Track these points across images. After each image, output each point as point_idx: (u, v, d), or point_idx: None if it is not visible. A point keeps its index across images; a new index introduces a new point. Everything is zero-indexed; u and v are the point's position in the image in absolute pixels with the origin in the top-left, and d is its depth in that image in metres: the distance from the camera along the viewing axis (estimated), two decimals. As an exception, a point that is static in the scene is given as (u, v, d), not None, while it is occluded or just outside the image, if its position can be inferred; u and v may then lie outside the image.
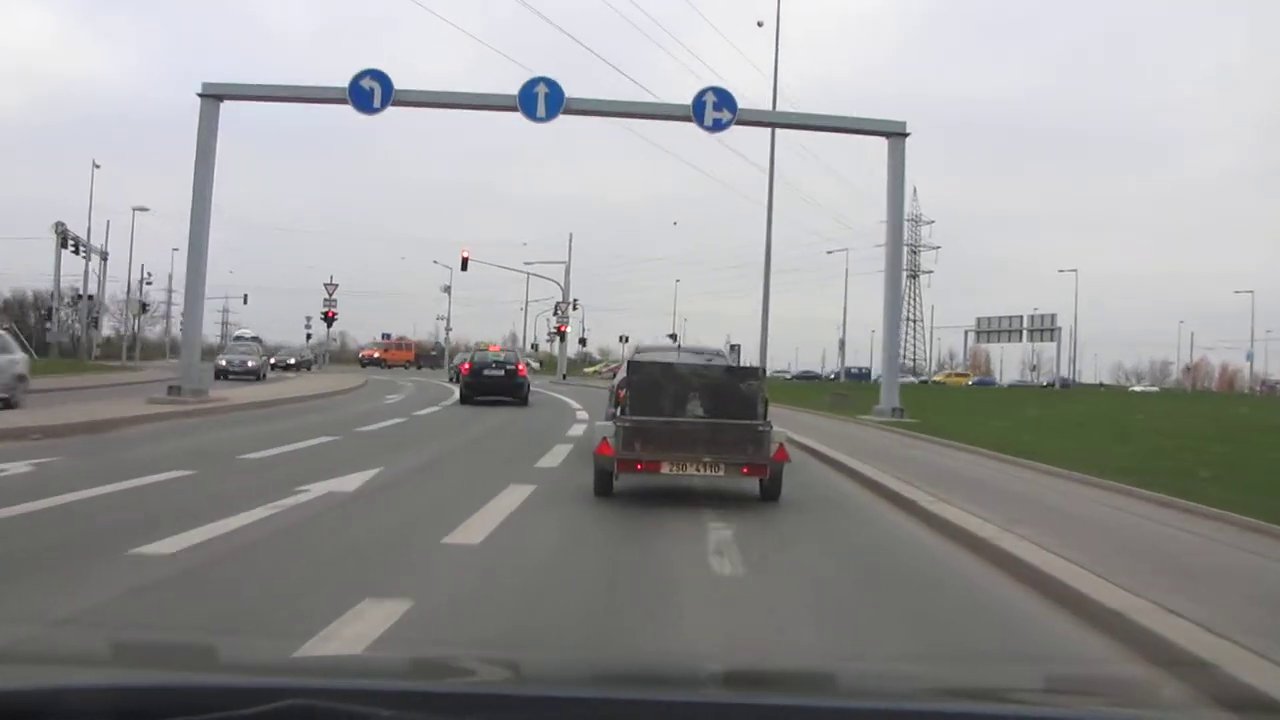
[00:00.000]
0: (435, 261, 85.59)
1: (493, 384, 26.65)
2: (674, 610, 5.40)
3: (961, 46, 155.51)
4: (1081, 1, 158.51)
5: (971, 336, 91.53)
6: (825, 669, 3.40)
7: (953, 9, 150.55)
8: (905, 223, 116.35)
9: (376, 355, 51.47)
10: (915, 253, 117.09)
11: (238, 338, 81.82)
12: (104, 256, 51.96)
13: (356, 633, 4.43)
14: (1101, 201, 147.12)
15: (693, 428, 9.15)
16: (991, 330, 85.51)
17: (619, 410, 10.00)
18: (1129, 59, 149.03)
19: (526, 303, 75.62)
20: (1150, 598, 5.20)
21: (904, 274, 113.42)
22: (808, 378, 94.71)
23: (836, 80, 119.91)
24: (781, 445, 9.27)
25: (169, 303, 78.21)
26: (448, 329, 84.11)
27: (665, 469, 9.08)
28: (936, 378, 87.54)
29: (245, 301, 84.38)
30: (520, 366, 27.70)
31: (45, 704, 1.59)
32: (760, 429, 9.18)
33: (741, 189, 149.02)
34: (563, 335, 51.43)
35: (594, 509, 8.82)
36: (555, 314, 50.20)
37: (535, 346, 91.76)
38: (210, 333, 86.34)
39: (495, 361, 28.12)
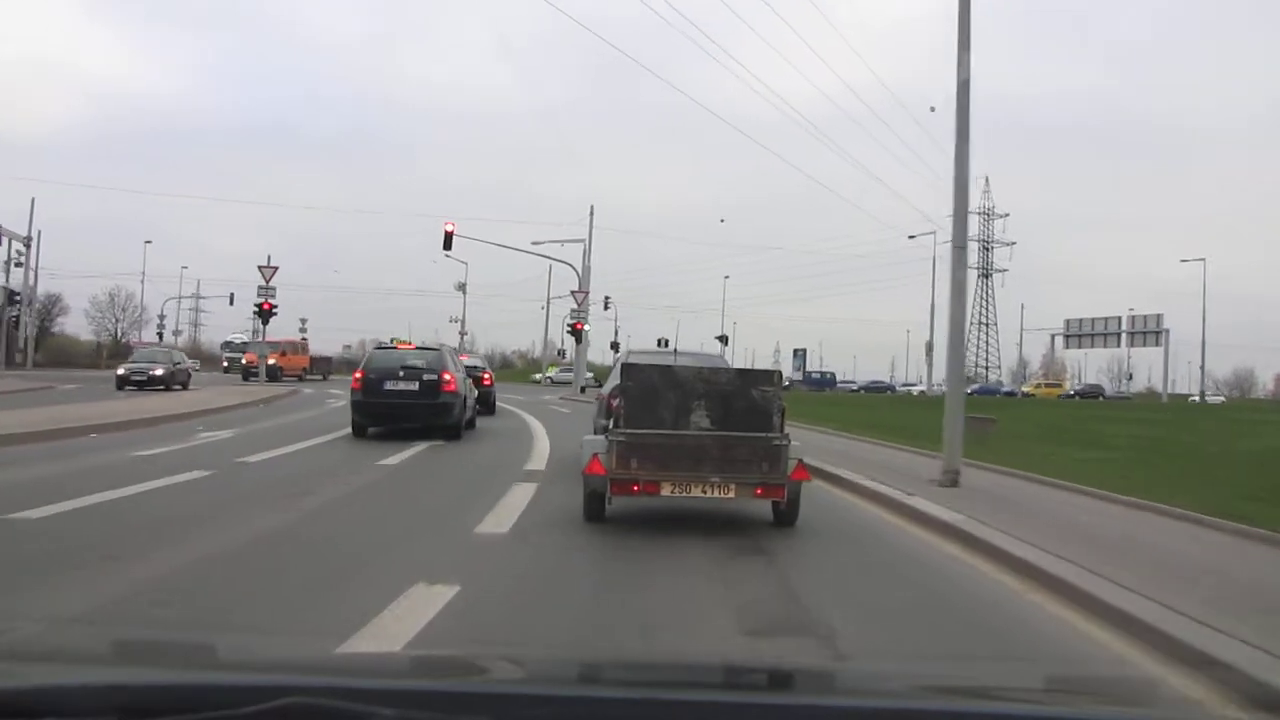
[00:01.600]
0: (447, 255, 74.09)
1: (398, 405, 16.57)
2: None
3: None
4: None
5: (1059, 341, 77.84)
6: (825, 669, 3.34)
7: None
8: (976, 215, 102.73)
9: (272, 361, 38.12)
10: (987, 249, 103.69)
11: (226, 343, 73.59)
12: (26, 243, 41.65)
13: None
14: (1195, 204, 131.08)
15: (698, 442, 8.13)
16: (1083, 334, 75.72)
17: (612, 422, 8.51)
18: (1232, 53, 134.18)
19: (548, 299, 64.64)
20: None
21: (974, 271, 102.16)
22: (878, 389, 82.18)
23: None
24: (800, 462, 8.25)
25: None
26: (462, 333, 73.26)
27: (666, 490, 8.05)
28: (1025, 388, 74.53)
29: (231, 302, 74.14)
30: (448, 377, 16.95)
31: (46, 702, 1.58)
32: (776, 443, 8.16)
33: (790, 184, 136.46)
34: (578, 335, 39.41)
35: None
36: (576, 306, 39.27)
37: (561, 353, 79.61)
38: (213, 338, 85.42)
39: (405, 367, 17.04)
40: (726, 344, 52.10)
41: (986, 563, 7.20)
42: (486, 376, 21.20)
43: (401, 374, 16.68)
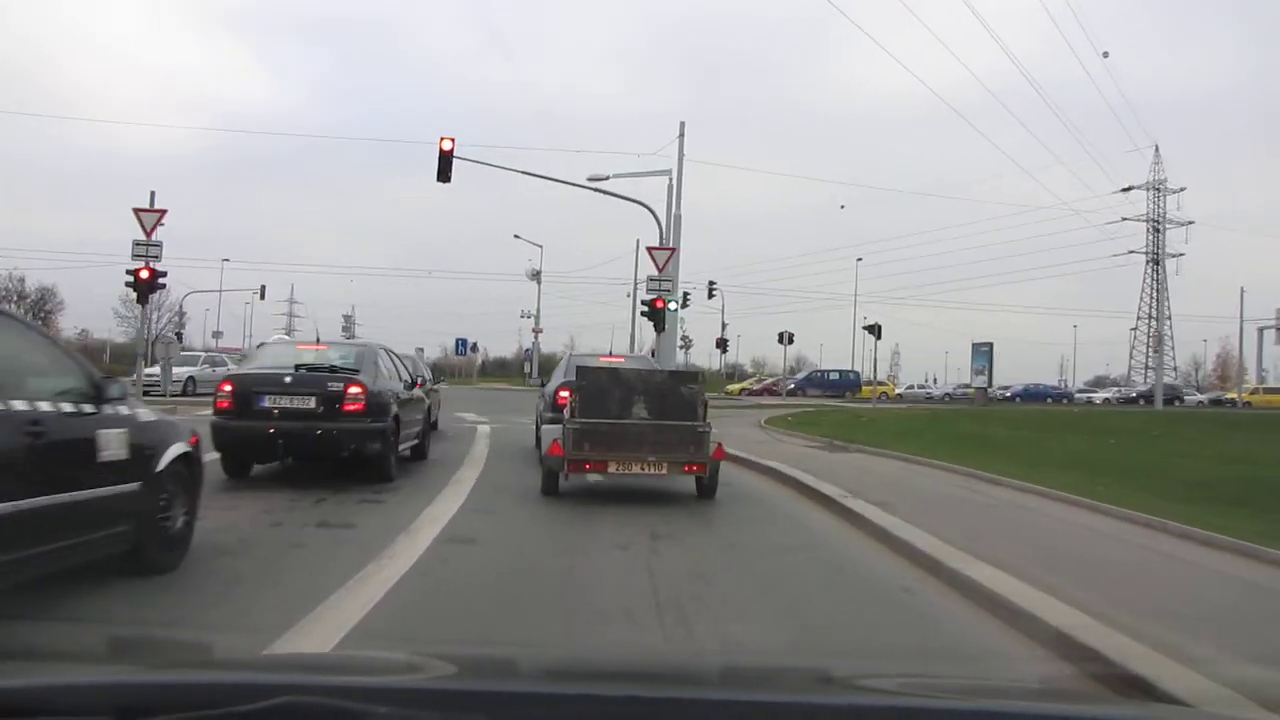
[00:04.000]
0: (517, 237, 60.29)
1: (286, 431, 10.47)
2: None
3: None
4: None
5: (1269, 335, 60.15)
6: (824, 668, 2.99)
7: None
8: (1149, 190, 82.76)
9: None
10: (1157, 230, 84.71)
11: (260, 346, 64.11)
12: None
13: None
14: None
15: (638, 429, 9.82)
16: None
17: (568, 413, 10.29)
18: None
19: (634, 284, 50.75)
20: None
21: (1139, 255, 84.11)
22: (1037, 395, 64.79)
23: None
24: (720, 445, 10.13)
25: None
26: (536, 330, 59.22)
27: (612, 468, 9.74)
28: (1243, 395, 56.93)
29: (262, 296, 62.78)
30: (356, 391, 10.71)
31: (44, 701, 1.60)
32: (700, 429, 9.93)
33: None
34: (658, 317, 24.08)
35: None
36: (658, 271, 24.53)
37: (654, 354, 63.97)
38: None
39: (296, 374, 10.93)
40: (879, 336, 36.95)
41: None
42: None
43: (289, 382, 10.60)
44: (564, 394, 11.53)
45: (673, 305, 24.97)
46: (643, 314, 24.78)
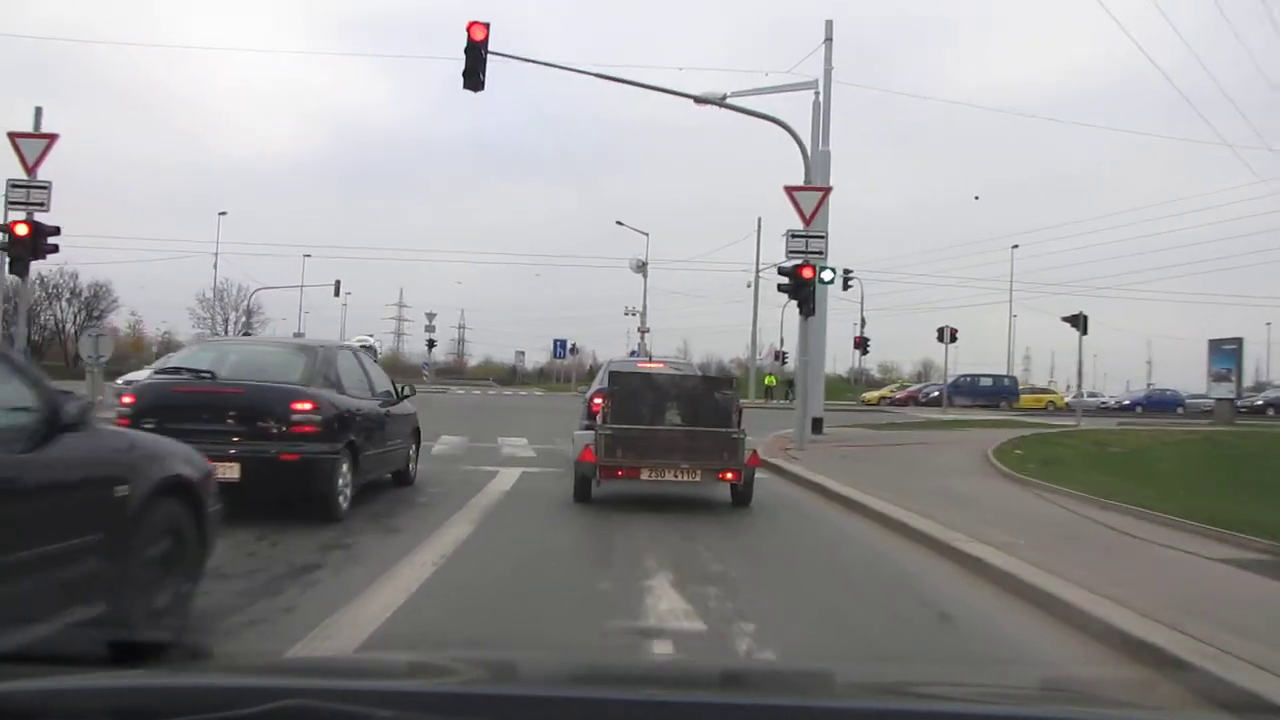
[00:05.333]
0: (620, 224, 53.05)
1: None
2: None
3: None
4: None
5: None
6: (824, 669, 3.18)
7: None
8: None
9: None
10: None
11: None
12: None
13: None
14: None
15: (671, 435, 9.64)
16: None
17: (600, 419, 10.09)
18: None
19: (757, 269, 42.56)
20: None
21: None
22: (1159, 404, 53.94)
23: None
24: (755, 452, 9.98)
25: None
26: (642, 330, 51.41)
27: (645, 474, 9.49)
28: None
29: (336, 292, 57.91)
30: (304, 409, 8.34)
31: (42, 704, 1.59)
32: (734, 436, 9.72)
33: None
34: (804, 291, 15.46)
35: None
36: (805, 223, 15.01)
37: (783, 356, 55.77)
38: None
39: (212, 387, 8.49)
40: (1085, 330, 27.68)
41: None
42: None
43: (203, 404, 8.29)
44: (598, 401, 11.04)
45: (826, 275, 16.61)
46: (781, 289, 16.32)
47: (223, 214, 58.85)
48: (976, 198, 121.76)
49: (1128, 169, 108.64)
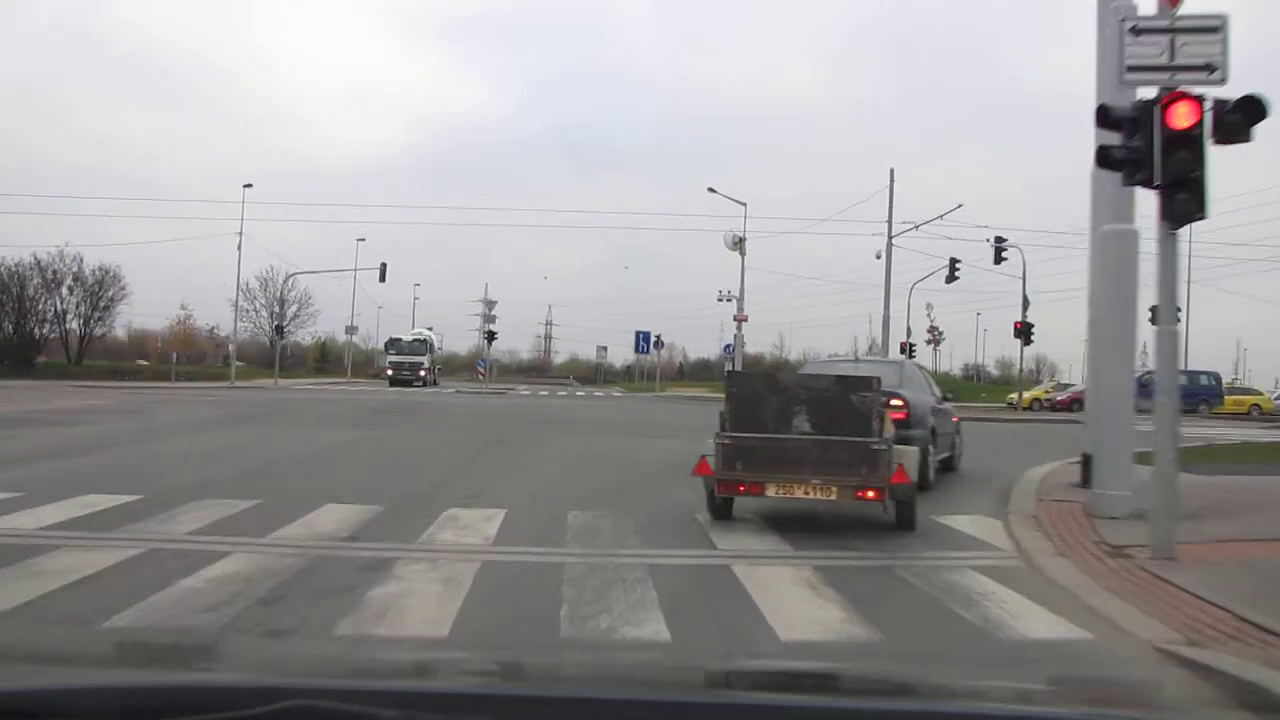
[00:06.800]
0: (711, 190, 43.89)
1: None
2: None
3: None
4: None
5: None
6: (825, 669, 3.19)
7: None
8: None
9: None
10: None
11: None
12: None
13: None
14: None
15: (799, 445, 8.44)
16: None
17: (720, 426, 8.85)
18: None
19: (889, 233, 33.97)
20: None
21: None
22: None
23: None
24: (902, 466, 8.32)
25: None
26: (739, 318, 42.15)
27: (771, 491, 8.43)
28: None
29: (382, 277, 50.93)
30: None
31: (45, 704, 1.60)
32: (875, 446, 8.35)
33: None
34: (1173, 163, 6.20)
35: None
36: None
37: (910, 348, 45.21)
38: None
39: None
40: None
41: None
42: None
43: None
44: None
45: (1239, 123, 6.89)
46: (1105, 160, 6.69)
47: (248, 186, 50.57)
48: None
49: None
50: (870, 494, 8.18)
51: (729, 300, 50.74)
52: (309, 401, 31.18)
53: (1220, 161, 6.92)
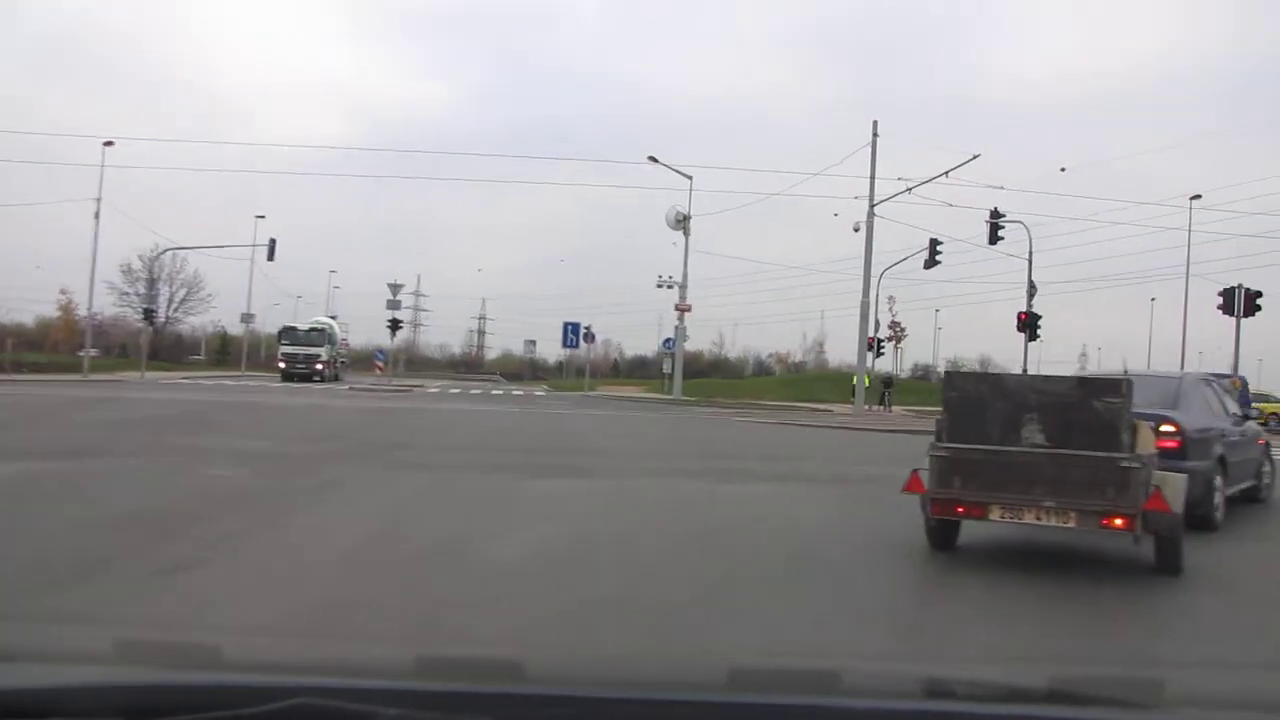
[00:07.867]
0: (653, 159, 36.96)
1: None
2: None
3: None
4: None
5: None
6: (825, 668, 3.05)
7: None
8: None
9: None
10: None
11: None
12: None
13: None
14: None
15: (1029, 460, 7.14)
16: None
17: (935, 437, 7.72)
18: None
19: (871, 210, 32.40)
20: None
21: None
22: None
23: None
24: (1159, 491, 7.00)
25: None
26: (680, 307, 36.60)
27: (995, 515, 7.23)
28: None
29: (270, 255, 48.98)
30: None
31: (47, 702, 1.58)
32: (1125, 464, 6.96)
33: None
34: None
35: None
36: None
37: (879, 345, 38.10)
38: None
39: None
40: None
41: None
42: None
43: None
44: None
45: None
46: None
47: (108, 144, 42.39)
48: (1063, 169, 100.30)
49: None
50: (1118, 521, 6.88)
51: (669, 287, 43.90)
52: (57, 407, 21.95)
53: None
